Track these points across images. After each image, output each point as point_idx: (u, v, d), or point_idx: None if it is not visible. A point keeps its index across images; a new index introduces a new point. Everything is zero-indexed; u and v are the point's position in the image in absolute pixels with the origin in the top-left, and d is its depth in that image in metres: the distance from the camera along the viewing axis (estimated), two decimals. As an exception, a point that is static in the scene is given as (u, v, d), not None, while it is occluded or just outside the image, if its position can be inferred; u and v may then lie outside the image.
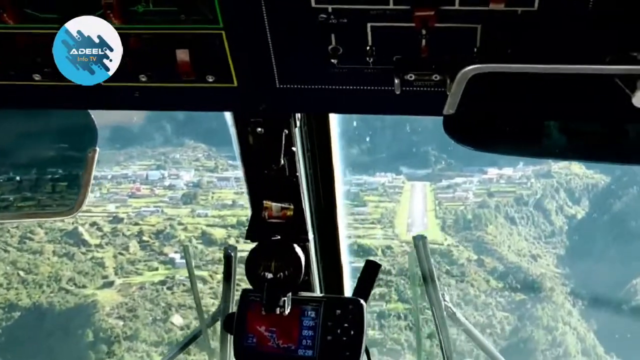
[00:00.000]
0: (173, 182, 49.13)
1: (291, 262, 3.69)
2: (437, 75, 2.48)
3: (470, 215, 48.96)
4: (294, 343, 3.91)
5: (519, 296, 45.14)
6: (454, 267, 45.09)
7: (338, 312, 3.89)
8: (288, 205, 3.69)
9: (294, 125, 3.50)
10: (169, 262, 44.86)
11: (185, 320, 39.21)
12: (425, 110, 2.75)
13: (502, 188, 50.54)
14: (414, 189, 49.82)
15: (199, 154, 50.36)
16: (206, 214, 46.70)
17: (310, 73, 2.73)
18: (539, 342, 42.34)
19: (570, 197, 51.60)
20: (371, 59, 2.58)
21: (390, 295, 42.47)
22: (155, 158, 49.91)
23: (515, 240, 49.10)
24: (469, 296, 44.39)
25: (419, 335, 5.63)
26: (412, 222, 47.84)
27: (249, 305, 3.97)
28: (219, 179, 49.09)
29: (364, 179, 48.93)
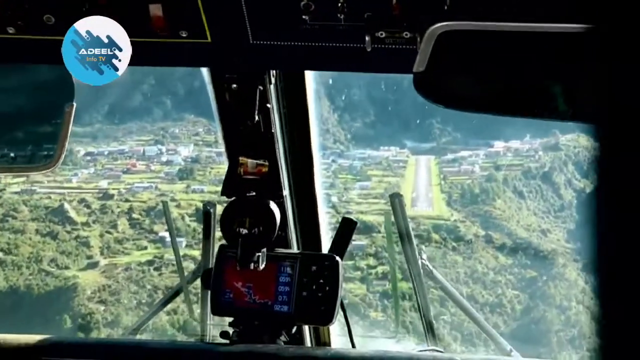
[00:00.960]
0: (171, 157, 47.33)
1: (265, 218, 3.83)
2: (407, 33, 2.65)
3: (478, 189, 46.44)
4: (270, 298, 4.04)
5: (530, 273, 42.49)
6: (460, 244, 42.50)
7: (314, 268, 4.02)
8: (263, 161, 3.79)
9: (269, 82, 3.61)
10: (158, 241, 42.28)
11: (172, 305, 35.06)
12: (396, 68, 2.95)
13: (509, 161, 48.17)
14: (419, 163, 47.89)
15: (199, 129, 48.47)
16: (202, 190, 44.89)
17: (282, 29, 2.86)
18: (552, 323, 39.60)
19: (579, 170, 48.48)
20: (343, 15, 2.68)
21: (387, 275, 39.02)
22: (154, 133, 48.18)
23: (524, 214, 46.38)
24: (477, 274, 41.71)
25: (396, 293, 6.33)
26: (416, 196, 45.69)
27: (226, 261, 4.10)
28: (218, 154, 45.75)
29: (368, 153, 46.99)
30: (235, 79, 3.48)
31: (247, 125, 3.67)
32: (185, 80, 42.31)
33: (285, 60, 3.05)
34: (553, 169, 48.65)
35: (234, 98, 3.59)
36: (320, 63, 3.06)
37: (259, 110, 3.60)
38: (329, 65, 3.06)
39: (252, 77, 3.51)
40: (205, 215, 4.67)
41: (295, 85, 4.01)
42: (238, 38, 2.86)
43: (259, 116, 3.65)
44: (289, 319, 4.15)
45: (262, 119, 3.71)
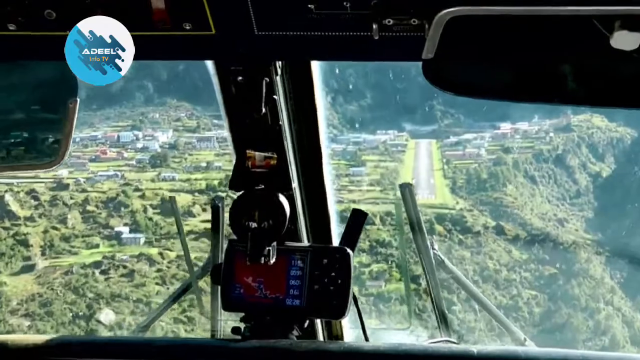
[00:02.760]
0: (147, 143, 43.46)
1: (275, 211, 3.66)
2: (415, 20, 2.43)
3: (485, 174, 41.32)
4: (282, 293, 3.84)
5: (549, 270, 36.33)
6: (468, 236, 36.82)
7: (325, 261, 3.83)
8: (271, 154, 3.61)
9: (275, 73, 3.43)
10: (114, 237, 36.19)
11: (119, 316, 27.47)
12: (404, 56, 2.71)
13: (518, 143, 43.48)
14: (419, 146, 43.59)
15: (182, 114, 44.65)
16: (173, 178, 40.69)
17: (287, 19, 2.65)
18: (579, 330, 32.92)
19: (594, 153, 43.99)
20: (348, 3, 2.50)
21: (391, 272, 34.11)
22: (132, 119, 44.13)
23: (537, 202, 41.07)
24: (487, 271, 35.71)
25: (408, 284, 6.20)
26: (417, 183, 40.26)
27: (236, 256, 3.90)
28: (199, 140, 43.75)
29: (363, 137, 43.02)
30: (241, 71, 3.29)
31: (253, 117, 3.46)
32: (168, 63, 40.18)
33: (291, 50, 2.86)
34: (566, 152, 43.83)
35: (240, 90, 3.38)
36: (327, 53, 2.84)
37: (265, 102, 3.41)
38: (335, 55, 2.83)
39: (258, 69, 3.33)
40: (214, 209, 4.53)
41: (302, 76, 3.83)
42: (243, 29, 2.66)
43: (266, 108, 3.46)
44: (301, 313, 3.93)
45: (269, 111, 3.52)
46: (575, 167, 43.56)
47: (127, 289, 31.50)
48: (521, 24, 2.35)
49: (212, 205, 4.56)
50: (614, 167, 43.90)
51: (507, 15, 2.23)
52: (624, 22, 2.12)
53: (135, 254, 33.50)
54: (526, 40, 2.45)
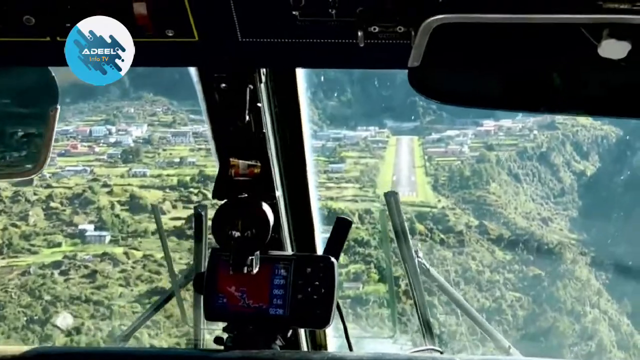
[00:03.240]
0: (120, 138, 42.39)
1: (258, 220, 3.56)
2: (401, 27, 2.40)
3: (468, 172, 39.97)
4: (265, 302, 3.78)
5: (533, 271, 34.73)
6: (450, 236, 35.18)
7: (308, 270, 3.77)
8: (255, 162, 3.55)
9: (259, 80, 3.38)
10: (77, 236, 34.03)
11: (77, 320, 25.41)
12: (390, 63, 2.70)
13: (501, 141, 42.66)
14: (400, 143, 42.77)
15: (157, 108, 43.43)
16: (144, 173, 39.09)
17: (272, 26, 2.65)
18: (565, 335, 31.60)
19: (578, 151, 43.15)
20: (334, 10, 2.46)
21: (369, 273, 32.52)
22: (106, 113, 42.90)
23: (522, 200, 39.76)
24: (470, 272, 34.09)
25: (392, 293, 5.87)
26: (397, 180, 40.07)
27: (219, 265, 3.83)
28: (174, 135, 42.59)
29: (343, 133, 42.19)
30: (225, 78, 3.17)
31: (237, 125, 3.34)
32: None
33: (275, 58, 2.80)
34: (551, 150, 43.00)
35: (224, 98, 3.27)
36: (312, 60, 2.82)
37: (249, 110, 3.30)
38: (320, 62, 2.84)
39: (242, 76, 3.21)
40: (197, 217, 4.36)
41: (286, 84, 3.73)
42: (226, 36, 2.63)
43: (250, 116, 3.35)
44: (285, 323, 3.80)
45: (253, 119, 3.41)
46: (559, 165, 42.71)
47: (88, 290, 29.65)
48: (508, 33, 2.31)
49: (195, 214, 4.45)
50: (598, 166, 43.07)
51: (495, 24, 2.19)
52: (611, 31, 2.07)
53: (99, 254, 31.69)
54: (513, 48, 2.41)
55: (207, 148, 38.11)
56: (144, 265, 30.72)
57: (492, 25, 2.23)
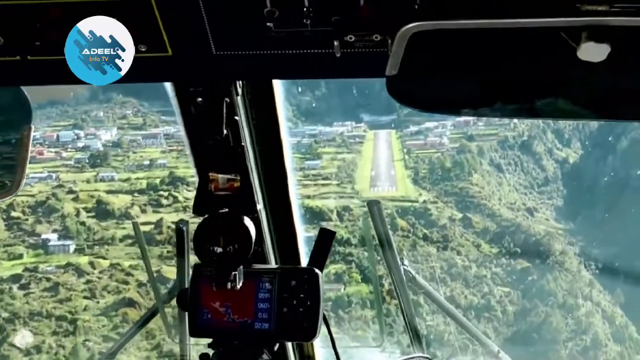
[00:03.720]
0: (89, 142, 41.39)
1: (240, 235, 3.42)
2: (377, 36, 2.36)
3: (449, 163, 38.46)
4: (250, 317, 3.63)
5: (521, 264, 32.99)
6: (433, 230, 33.60)
7: (293, 282, 3.61)
8: (234, 176, 3.40)
9: (235, 93, 3.30)
10: (40, 246, 32.00)
11: (37, 338, 23.23)
12: (368, 72, 2.62)
13: (481, 131, 41.55)
14: (377, 137, 41.99)
15: (127, 111, 42.78)
16: (112, 178, 37.84)
17: (246, 38, 2.59)
18: (558, 330, 29.21)
19: (559, 138, 42.32)
20: (309, 20, 2.40)
21: (351, 274, 30.62)
22: (75, 117, 41.92)
23: (505, 191, 38.47)
24: (456, 268, 32.33)
25: (379, 301, 5.64)
26: (376, 174, 38.85)
27: (202, 281, 3.66)
28: (145, 137, 41.89)
29: (319, 129, 41.42)
30: (200, 92, 3.11)
31: (215, 139, 3.25)
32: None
33: (251, 70, 2.75)
34: (532, 138, 41.99)
35: (200, 112, 3.19)
36: (288, 71, 2.74)
37: (226, 123, 3.22)
38: (297, 73, 2.76)
39: (218, 90, 3.16)
40: (178, 232, 4.42)
41: (263, 96, 3.62)
42: (200, 49, 2.58)
43: (228, 129, 3.27)
44: (271, 337, 3.67)
45: (231, 132, 3.31)
46: (542, 153, 41.66)
47: (50, 305, 27.73)
48: (487, 38, 2.24)
49: (177, 229, 4.44)
50: (581, 153, 42.17)
51: (472, 29, 2.14)
52: (590, 34, 2.02)
53: (62, 264, 29.60)
54: (492, 54, 2.35)
55: (179, 149, 37.46)
56: (111, 275, 28.85)
57: (470, 31, 2.14)
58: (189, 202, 34.41)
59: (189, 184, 35.36)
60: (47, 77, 2.74)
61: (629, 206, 35.41)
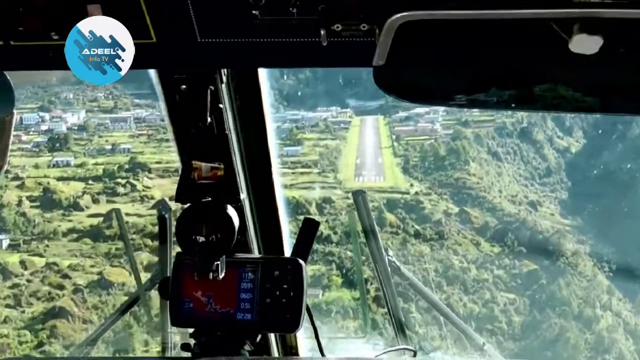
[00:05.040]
0: (54, 125, 38.09)
1: (223, 224, 3.33)
2: (365, 25, 2.31)
3: (443, 151, 33.71)
4: (232, 307, 3.53)
5: (527, 265, 27.98)
6: (426, 227, 28.80)
7: (276, 273, 3.52)
8: (218, 165, 3.30)
9: (220, 81, 3.22)
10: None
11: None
12: (354, 62, 2.57)
13: (477, 117, 36.77)
14: (364, 123, 38.14)
15: (99, 93, 38.72)
16: (67, 163, 33.73)
17: (231, 26, 2.54)
18: (577, 348, 24.97)
19: (560, 126, 37.30)
20: (295, 9, 2.36)
21: (331, 276, 25.73)
22: (44, 100, 37.76)
23: (506, 182, 33.58)
24: (452, 270, 27.36)
25: (363, 292, 5.68)
26: (361, 162, 34.88)
27: (184, 270, 3.57)
28: (114, 120, 38.74)
29: (302, 115, 37.65)
30: (185, 79, 3.05)
31: (199, 127, 3.17)
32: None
33: (236, 58, 2.69)
34: (532, 125, 37.25)
35: (184, 99, 3.14)
36: (274, 60, 2.67)
37: (210, 111, 3.14)
38: (283, 61, 2.73)
39: (202, 77, 3.08)
40: (161, 220, 4.29)
41: (248, 84, 3.57)
42: (185, 37, 2.52)
43: (212, 117, 3.18)
44: (253, 328, 3.57)
45: (215, 120, 3.22)
46: (542, 142, 37.11)
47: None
48: (476, 29, 2.18)
49: (159, 217, 4.32)
50: (583, 142, 37.49)
51: (461, 20, 2.08)
52: (583, 26, 1.97)
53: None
54: (481, 45, 2.29)
55: (148, 134, 35.36)
56: (44, 277, 23.88)
57: (459, 21, 2.09)
58: (148, 191, 28.75)
59: (150, 170, 31.70)
60: (30, 62, 2.66)
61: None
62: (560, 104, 2.44)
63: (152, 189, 29.58)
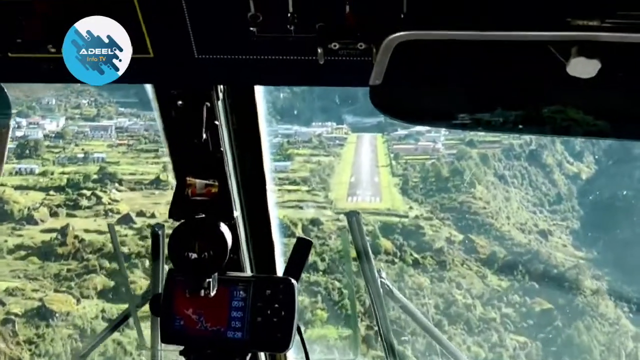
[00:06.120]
0: (29, 132, 36.32)
1: (216, 241, 3.16)
2: (362, 44, 2.20)
3: (446, 171, 30.34)
4: (223, 325, 3.35)
5: (540, 304, 23.98)
6: (426, 255, 25.00)
7: (268, 292, 3.33)
8: (212, 182, 3.22)
9: (216, 97, 3.09)
10: None
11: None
12: (351, 81, 2.46)
13: (482, 137, 33.66)
14: (361, 140, 35.62)
15: (83, 100, 37.23)
16: (31, 170, 31.56)
17: (229, 42, 2.44)
18: None
19: (570, 150, 34.15)
20: (293, 26, 2.27)
21: (315, 311, 21.61)
22: (24, 104, 35.16)
23: (514, 208, 29.95)
24: (455, 307, 23.41)
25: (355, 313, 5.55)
26: (356, 181, 31.98)
27: (176, 287, 3.40)
28: (94, 129, 36.72)
29: (295, 129, 35.42)
30: (181, 95, 2.95)
31: (194, 143, 3.05)
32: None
33: (233, 75, 2.56)
34: (542, 147, 34.23)
35: (180, 115, 3.01)
36: (271, 77, 2.53)
37: (206, 127, 3.03)
38: (279, 79, 2.60)
39: (199, 93, 2.98)
40: (154, 237, 4.04)
41: (245, 101, 3.39)
42: (182, 52, 2.43)
43: (207, 134, 3.06)
44: (243, 346, 3.36)
45: (210, 137, 3.11)
46: (552, 166, 34.05)
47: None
48: (474, 50, 2.10)
49: (152, 233, 4.05)
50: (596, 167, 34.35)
51: (459, 41, 1.99)
52: (580, 49, 1.89)
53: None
54: (480, 66, 2.21)
55: (129, 144, 33.06)
56: None
57: (457, 42, 2.00)
58: (115, 205, 24.96)
59: (122, 181, 27.85)
60: (27, 75, 2.59)
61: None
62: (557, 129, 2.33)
63: (119, 202, 26.67)
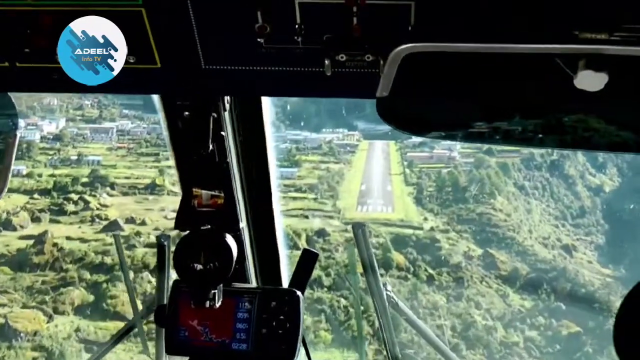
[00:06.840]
0: (27, 133, 33.42)
1: (221, 252, 3.29)
2: (369, 56, 2.25)
3: (464, 180, 27.86)
4: (228, 336, 3.48)
5: (568, 327, 21.67)
6: (442, 271, 22.84)
7: (273, 303, 3.46)
8: (218, 193, 3.29)
9: (223, 108, 3.19)
10: None
11: None
12: (358, 93, 2.50)
13: (500, 146, 30.27)
14: (373, 147, 33.30)
15: (86, 101, 34.75)
16: (18, 172, 28.82)
17: (236, 54, 2.48)
18: None
19: (592, 161, 31.91)
20: (300, 38, 2.31)
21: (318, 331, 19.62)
22: (25, 105, 31.38)
23: (536, 221, 27.35)
24: (474, 329, 21.07)
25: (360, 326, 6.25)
26: (367, 189, 29.28)
27: (181, 297, 3.52)
28: (94, 131, 34.57)
29: (304, 135, 33.12)
30: (188, 105, 2.98)
31: (200, 154, 3.11)
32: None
33: (239, 86, 2.60)
34: (564, 158, 31.90)
35: (187, 126, 3.06)
36: (277, 89, 2.58)
37: (213, 138, 3.08)
38: (286, 90, 2.60)
39: (205, 104, 3.03)
40: (159, 248, 4.11)
41: (251, 112, 3.52)
42: (189, 63, 2.45)
43: (213, 145, 3.13)
44: (248, 358, 3.49)
45: (217, 148, 3.19)
46: (575, 177, 31.82)
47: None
48: (481, 63, 2.11)
49: (158, 244, 4.11)
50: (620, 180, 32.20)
51: (467, 53, 2.01)
52: (588, 62, 1.90)
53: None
54: (487, 79, 2.22)
55: (129, 147, 31.68)
56: None
57: (464, 54, 2.03)
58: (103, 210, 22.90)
59: (114, 185, 25.97)
60: (35, 84, 2.60)
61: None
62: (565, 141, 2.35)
63: (108, 207, 24.64)
